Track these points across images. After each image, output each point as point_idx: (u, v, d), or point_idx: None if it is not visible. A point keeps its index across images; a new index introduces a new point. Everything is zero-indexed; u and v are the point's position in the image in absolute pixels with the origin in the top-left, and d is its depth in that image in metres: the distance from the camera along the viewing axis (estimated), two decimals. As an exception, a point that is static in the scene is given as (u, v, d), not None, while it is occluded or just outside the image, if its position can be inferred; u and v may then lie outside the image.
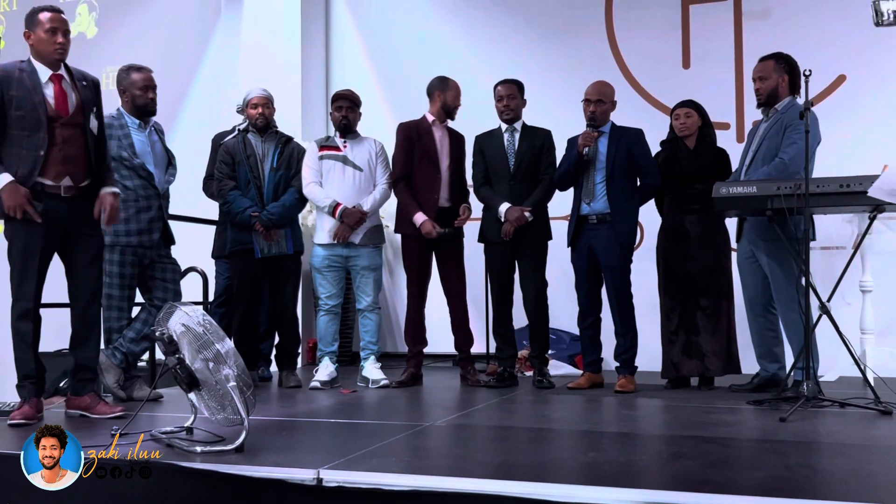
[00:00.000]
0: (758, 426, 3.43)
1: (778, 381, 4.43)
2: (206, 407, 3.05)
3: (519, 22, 6.56)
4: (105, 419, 3.71)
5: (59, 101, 3.67)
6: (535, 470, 2.60)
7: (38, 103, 3.60)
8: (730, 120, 5.93)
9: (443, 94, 5.05)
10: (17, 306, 3.63)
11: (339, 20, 7.24)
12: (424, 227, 4.86)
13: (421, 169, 4.99)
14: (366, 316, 5.03)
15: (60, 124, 3.65)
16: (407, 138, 5.02)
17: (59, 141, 3.64)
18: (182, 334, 2.97)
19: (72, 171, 3.68)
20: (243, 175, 4.90)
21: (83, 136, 3.73)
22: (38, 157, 3.58)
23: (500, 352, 5.00)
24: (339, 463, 2.64)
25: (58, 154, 3.63)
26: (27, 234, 3.59)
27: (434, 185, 4.98)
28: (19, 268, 3.61)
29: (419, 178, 4.99)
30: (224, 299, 5.24)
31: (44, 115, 3.60)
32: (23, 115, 3.57)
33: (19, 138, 3.57)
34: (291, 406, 4.19)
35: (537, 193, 4.83)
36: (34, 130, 3.58)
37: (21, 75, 3.61)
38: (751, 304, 4.58)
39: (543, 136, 4.92)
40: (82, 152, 3.72)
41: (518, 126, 4.95)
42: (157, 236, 4.37)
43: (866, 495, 2.21)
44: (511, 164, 4.89)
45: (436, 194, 4.97)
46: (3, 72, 3.60)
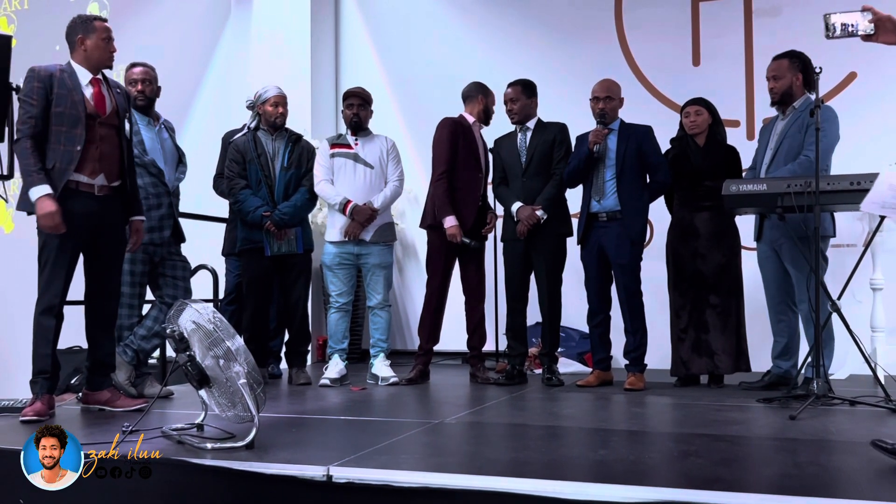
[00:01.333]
0: (768, 424, 3.42)
1: (788, 379, 4.42)
2: (217, 404, 3.06)
3: (529, 21, 6.56)
4: (127, 412, 3.78)
5: (98, 102, 3.82)
6: (546, 467, 2.60)
7: (78, 101, 3.73)
8: (740, 118, 5.91)
9: (485, 98, 5.08)
10: (43, 301, 3.70)
11: (349, 19, 7.25)
12: (450, 230, 4.84)
13: (464, 166, 4.96)
14: (376, 313, 5.03)
15: (98, 123, 3.79)
16: (453, 133, 4.95)
17: (96, 138, 3.77)
18: (192, 331, 2.98)
19: (106, 170, 3.82)
20: (254, 173, 4.91)
21: (118, 138, 3.88)
22: (75, 152, 3.70)
23: (511, 349, 5.00)
24: (349, 460, 2.65)
25: (94, 151, 3.77)
26: (61, 234, 3.67)
27: (476, 184, 5.00)
28: (51, 265, 3.70)
29: (462, 176, 4.95)
30: (234, 297, 5.25)
31: (82, 112, 3.73)
32: (62, 111, 3.70)
33: (58, 134, 3.70)
34: (301, 403, 4.21)
35: (548, 190, 4.81)
36: (72, 126, 3.71)
37: (62, 75, 3.76)
38: (772, 302, 4.57)
39: (557, 129, 4.91)
40: (117, 152, 3.88)
41: (532, 124, 4.95)
42: (168, 234, 4.40)
43: (876, 493, 2.21)
44: (523, 162, 4.89)
45: (478, 192, 4.99)
46: (46, 72, 3.74)
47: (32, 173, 3.63)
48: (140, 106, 4.40)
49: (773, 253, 4.51)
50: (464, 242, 4.85)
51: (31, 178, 3.63)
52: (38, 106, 3.67)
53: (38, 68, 3.73)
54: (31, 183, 3.63)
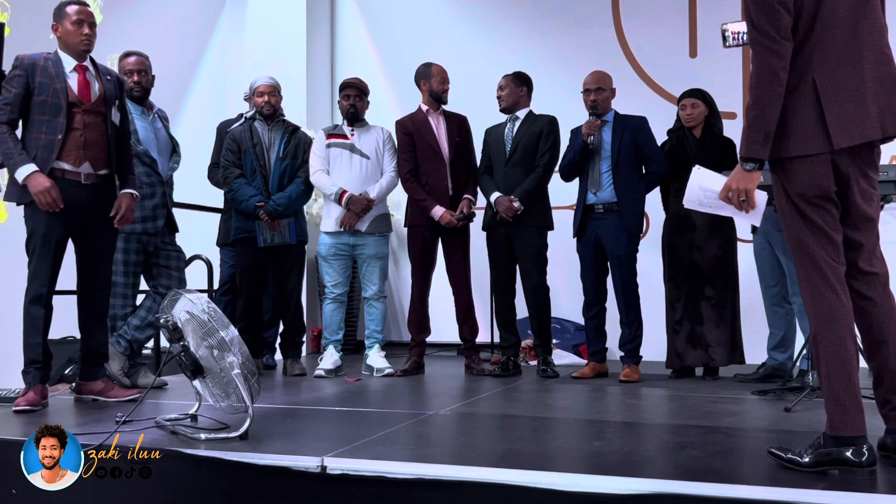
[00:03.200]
0: (762, 416, 3.42)
1: (783, 371, 4.43)
2: (211, 394, 3.05)
3: (526, 12, 6.53)
4: (120, 402, 3.77)
5: (82, 89, 3.77)
6: (540, 459, 2.60)
7: (60, 89, 3.69)
8: (737, 109, 5.90)
9: (427, 82, 5.04)
10: (31, 289, 3.67)
11: (345, 8, 7.22)
12: (444, 218, 4.85)
13: (425, 159, 4.98)
14: (371, 304, 5.03)
15: (82, 111, 3.74)
16: (405, 133, 5.01)
17: (79, 126, 3.73)
18: (187, 321, 2.97)
19: (91, 157, 3.77)
20: (249, 163, 4.89)
21: (104, 125, 3.82)
22: (56, 140, 3.67)
23: (504, 340, 5.00)
24: (344, 451, 2.65)
25: (78, 139, 3.72)
26: (48, 221, 3.65)
27: (440, 172, 4.97)
28: (37, 253, 3.67)
29: (424, 169, 4.98)
30: (229, 287, 5.24)
31: (64, 101, 3.69)
32: (44, 99, 3.66)
33: (39, 123, 3.67)
34: (296, 394, 4.20)
35: (528, 182, 4.79)
36: (54, 115, 3.67)
37: (46, 63, 3.72)
38: (768, 294, 4.58)
39: (545, 122, 4.89)
40: (103, 140, 3.82)
41: (521, 115, 4.94)
42: (162, 223, 4.38)
43: (868, 485, 2.21)
44: (507, 151, 4.88)
45: (444, 181, 4.96)
46: (31, 60, 3.70)
47: (14, 155, 3.60)
48: (135, 96, 4.38)
49: (769, 245, 4.51)
50: (461, 220, 4.87)
51: (14, 160, 3.59)
52: (14, 93, 3.64)
53: (23, 56, 3.70)
54: (15, 165, 3.59)
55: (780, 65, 2.31)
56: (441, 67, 5.06)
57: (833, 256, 2.36)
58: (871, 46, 2.35)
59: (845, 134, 2.30)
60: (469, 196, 5.01)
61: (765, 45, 2.32)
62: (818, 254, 2.35)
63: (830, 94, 2.31)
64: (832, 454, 2.31)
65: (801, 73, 2.35)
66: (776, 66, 2.31)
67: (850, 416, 2.30)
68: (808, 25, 2.35)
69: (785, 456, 2.41)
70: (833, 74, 2.32)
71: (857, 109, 2.30)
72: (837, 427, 2.31)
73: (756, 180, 2.44)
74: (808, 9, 2.34)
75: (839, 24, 2.34)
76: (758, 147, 2.34)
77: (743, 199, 2.46)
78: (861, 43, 2.34)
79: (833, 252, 2.37)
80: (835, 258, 2.37)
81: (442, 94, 5.03)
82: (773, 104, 2.31)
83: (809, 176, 2.35)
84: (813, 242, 2.36)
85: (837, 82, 2.32)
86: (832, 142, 2.30)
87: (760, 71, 2.32)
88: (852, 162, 2.36)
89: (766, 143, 2.33)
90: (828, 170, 2.34)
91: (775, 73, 2.31)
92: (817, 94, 2.32)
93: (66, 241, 3.79)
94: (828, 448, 2.32)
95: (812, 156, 2.33)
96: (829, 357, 2.32)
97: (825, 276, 2.34)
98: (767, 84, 2.31)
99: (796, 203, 2.38)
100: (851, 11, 2.35)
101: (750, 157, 2.37)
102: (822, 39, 2.34)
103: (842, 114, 2.30)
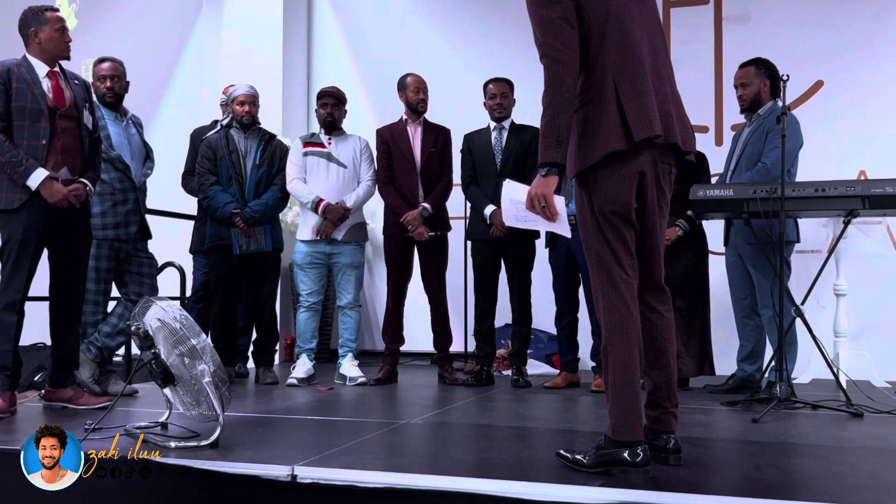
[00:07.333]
0: (731, 427, 3.46)
1: (752, 383, 4.47)
2: (182, 402, 3.04)
3: (503, 20, 6.54)
4: (90, 409, 3.74)
5: (57, 95, 3.78)
6: (511, 468, 2.61)
7: (38, 94, 3.70)
8: (709, 123, 5.97)
9: (403, 93, 5.07)
10: (6, 296, 3.65)
11: (322, 17, 7.21)
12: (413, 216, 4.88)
13: (399, 168, 5.00)
14: (346, 313, 5.02)
15: (59, 116, 3.74)
16: (383, 142, 5.05)
17: (58, 131, 3.74)
18: (158, 329, 2.96)
19: (69, 162, 3.78)
20: (225, 171, 4.88)
21: (78, 129, 3.83)
22: (40, 146, 3.68)
23: (480, 350, 5.01)
24: (314, 460, 2.64)
25: (57, 144, 3.74)
26: (25, 227, 3.64)
27: (412, 181, 4.99)
28: (13, 260, 3.65)
29: (398, 178, 5.00)
30: (202, 295, 5.21)
31: (45, 106, 3.69)
32: (23, 105, 3.66)
33: (20, 129, 3.67)
34: (268, 402, 4.18)
35: None
36: (35, 120, 3.67)
37: (19, 70, 3.71)
38: (739, 307, 4.63)
39: (532, 133, 4.90)
40: (78, 144, 3.83)
41: (507, 124, 4.97)
42: (135, 230, 4.35)
43: (832, 496, 2.24)
44: (497, 163, 4.90)
45: (415, 189, 4.98)
46: (3, 67, 3.70)
47: (22, 161, 3.61)
48: (108, 102, 4.36)
49: (739, 258, 4.57)
50: (430, 236, 4.91)
51: (24, 166, 3.61)
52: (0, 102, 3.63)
53: None
54: (27, 171, 3.61)
55: (567, 71, 2.41)
56: (417, 78, 5.08)
57: (629, 271, 2.48)
58: (664, 60, 2.59)
59: (644, 128, 2.41)
60: (425, 205, 4.94)
61: (551, 57, 2.43)
62: (614, 269, 2.46)
63: (628, 95, 2.42)
64: (610, 455, 2.43)
65: (600, 81, 2.45)
66: (562, 73, 2.41)
67: (630, 422, 2.42)
68: (598, 40, 2.47)
69: (571, 457, 2.54)
70: (628, 79, 2.44)
71: (649, 109, 2.42)
72: (619, 432, 2.43)
73: (553, 185, 2.48)
74: (597, 24, 2.47)
75: (630, 37, 2.48)
76: (551, 151, 2.41)
77: (544, 206, 2.50)
78: (655, 55, 2.55)
79: (630, 267, 2.48)
80: (630, 272, 2.48)
81: (417, 104, 5.03)
82: (563, 109, 2.40)
83: (613, 191, 2.45)
84: (610, 258, 2.47)
85: (634, 86, 2.43)
86: (633, 136, 2.40)
87: (548, 80, 2.42)
88: (654, 179, 2.51)
89: (559, 148, 2.40)
90: (631, 186, 2.46)
91: (562, 80, 2.40)
92: (618, 98, 2.43)
93: (43, 248, 3.77)
94: (608, 449, 2.44)
95: (617, 168, 2.43)
96: (618, 367, 2.43)
97: (619, 291, 2.45)
98: (556, 90, 2.40)
99: (598, 219, 2.48)
100: (638, 25, 2.51)
101: (545, 161, 2.44)
102: (614, 51, 2.46)
103: (640, 110, 2.41)
